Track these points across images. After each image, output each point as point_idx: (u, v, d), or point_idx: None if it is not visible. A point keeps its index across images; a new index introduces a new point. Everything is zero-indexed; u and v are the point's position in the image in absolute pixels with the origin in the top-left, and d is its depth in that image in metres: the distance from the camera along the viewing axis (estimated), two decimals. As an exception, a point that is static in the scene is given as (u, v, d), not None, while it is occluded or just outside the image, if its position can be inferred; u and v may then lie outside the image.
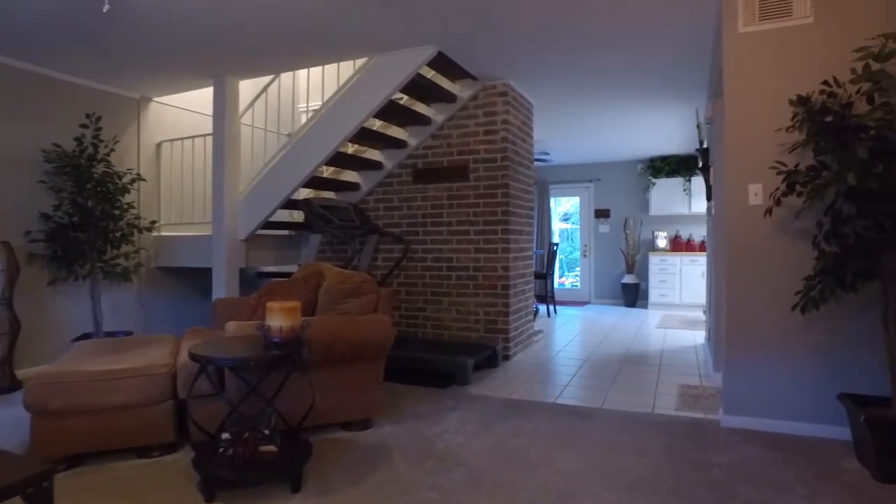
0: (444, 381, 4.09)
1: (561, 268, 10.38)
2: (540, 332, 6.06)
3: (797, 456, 2.72)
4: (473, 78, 4.91)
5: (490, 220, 4.98)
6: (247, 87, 5.16)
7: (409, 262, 5.35)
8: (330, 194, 5.75)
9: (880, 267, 2.55)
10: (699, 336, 6.05)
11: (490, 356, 4.57)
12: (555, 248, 8.20)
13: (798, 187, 2.78)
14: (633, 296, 8.97)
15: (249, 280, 5.90)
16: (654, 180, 8.81)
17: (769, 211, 2.93)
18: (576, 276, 10.24)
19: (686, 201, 8.57)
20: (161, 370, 2.70)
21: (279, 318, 2.42)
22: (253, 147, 5.35)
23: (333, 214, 4.92)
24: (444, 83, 5.02)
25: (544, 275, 7.88)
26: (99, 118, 4.59)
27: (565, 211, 10.87)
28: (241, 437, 2.39)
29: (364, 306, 3.08)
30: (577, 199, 10.08)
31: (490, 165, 4.98)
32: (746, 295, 3.12)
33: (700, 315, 7.71)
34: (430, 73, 4.86)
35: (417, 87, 4.68)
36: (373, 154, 5.52)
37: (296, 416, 2.81)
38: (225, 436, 2.41)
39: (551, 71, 4.78)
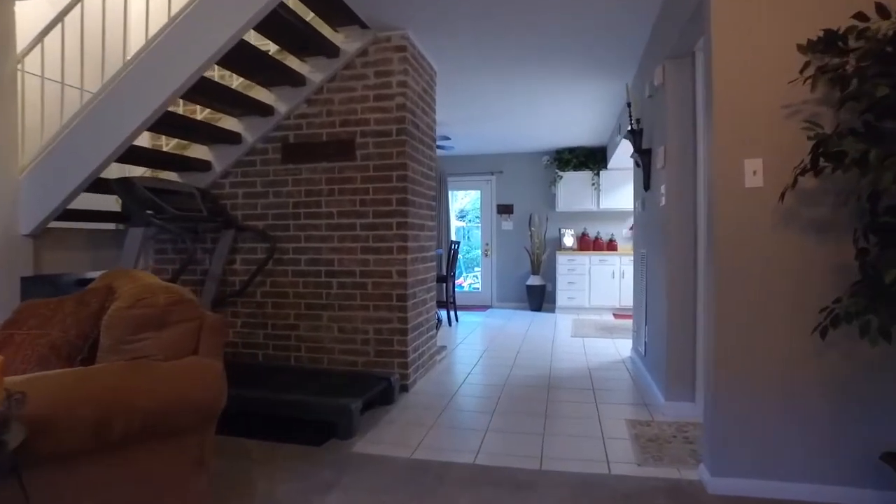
0: (321, 433, 2.92)
1: (458, 268, 9.47)
2: (443, 348, 5.04)
3: (833, 549, 1.89)
4: (363, 26, 3.77)
5: (383, 212, 3.86)
6: (33, 16, 3.62)
7: (276, 265, 4.09)
8: (172, 175, 4.34)
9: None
10: (621, 346, 5.33)
11: (384, 391, 3.45)
12: (456, 246, 7.22)
13: (822, 161, 1.97)
14: (539, 299, 8.23)
15: (65, 290, 4.31)
16: (560, 174, 8.12)
17: (782, 195, 2.09)
18: (475, 277, 9.39)
19: (594, 197, 7.97)
20: None
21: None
22: (44, 107, 3.78)
23: (170, 201, 3.55)
24: (326, 31, 3.82)
25: (445, 278, 6.89)
26: None
27: (461, 208, 9.98)
28: None
29: (174, 344, 1.84)
30: (477, 193, 9.22)
31: (383, 140, 3.86)
32: (743, 312, 2.26)
33: (612, 319, 7.09)
34: (308, 16, 3.66)
35: (290, 31, 3.47)
36: (229, 122, 4.17)
37: (31, 554, 1.53)
38: None
39: (458, 27, 3.79)
